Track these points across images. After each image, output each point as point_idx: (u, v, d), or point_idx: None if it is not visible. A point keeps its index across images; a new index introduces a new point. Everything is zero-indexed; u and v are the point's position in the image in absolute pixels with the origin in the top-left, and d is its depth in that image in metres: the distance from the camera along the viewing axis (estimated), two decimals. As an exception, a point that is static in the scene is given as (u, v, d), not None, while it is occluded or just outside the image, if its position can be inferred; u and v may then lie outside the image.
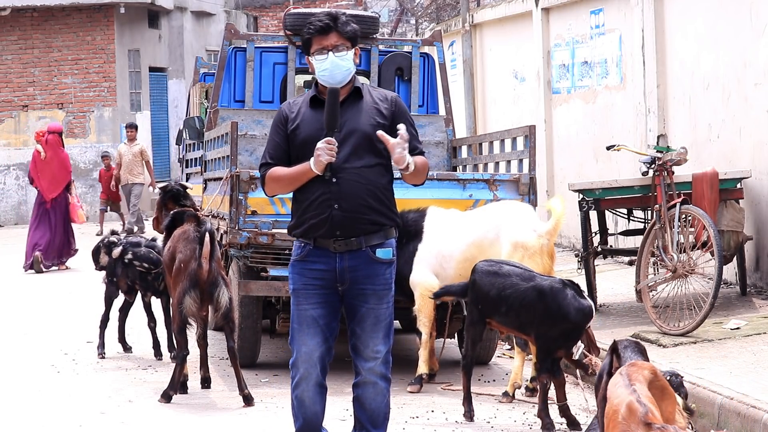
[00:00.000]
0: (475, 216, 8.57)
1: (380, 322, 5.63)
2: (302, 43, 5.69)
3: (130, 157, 21.76)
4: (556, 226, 8.16)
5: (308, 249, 5.61)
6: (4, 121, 26.63)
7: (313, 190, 5.55)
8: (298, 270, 5.65)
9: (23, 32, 26.53)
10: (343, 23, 5.61)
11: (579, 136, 14.52)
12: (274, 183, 5.66)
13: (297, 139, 5.61)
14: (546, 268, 8.08)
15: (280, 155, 5.65)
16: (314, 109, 5.62)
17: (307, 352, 5.62)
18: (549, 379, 7.19)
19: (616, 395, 4.76)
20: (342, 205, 5.52)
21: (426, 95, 11.09)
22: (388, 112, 5.62)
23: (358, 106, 5.62)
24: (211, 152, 10.45)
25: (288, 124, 5.65)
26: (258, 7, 35.37)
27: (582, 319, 7.14)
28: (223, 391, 8.50)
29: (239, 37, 10.97)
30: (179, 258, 8.14)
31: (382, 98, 5.68)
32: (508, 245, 8.19)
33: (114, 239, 9.87)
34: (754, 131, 10.74)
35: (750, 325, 9.10)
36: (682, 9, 12.02)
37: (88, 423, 7.56)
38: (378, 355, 5.63)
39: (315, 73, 5.62)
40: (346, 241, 5.55)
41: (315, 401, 5.67)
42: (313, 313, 5.62)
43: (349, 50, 5.60)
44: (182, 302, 8.00)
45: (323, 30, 5.58)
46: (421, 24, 25.79)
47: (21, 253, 17.08)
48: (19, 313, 12.67)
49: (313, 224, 5.56)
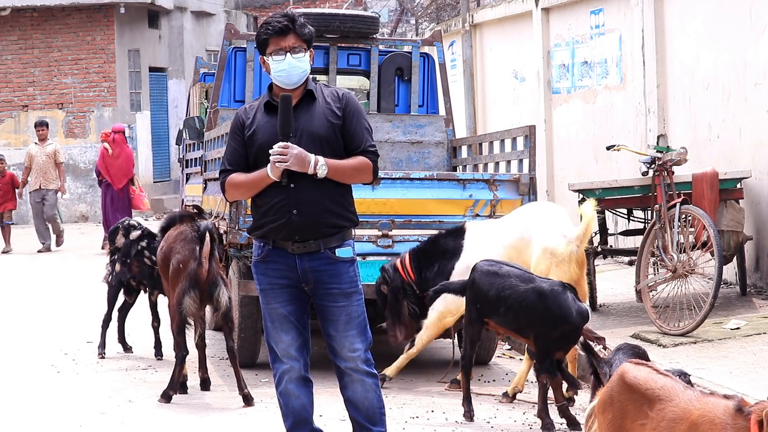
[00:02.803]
0: (510, 219, 8.41)
1: (352, 321, 5.63)
2: (258, 44, 5.67)
3: (44, 159, 19.59)
4: (586, 231, 7.95)
5: (267, 249, 5.63)
6: (4, 121, 26.63)
7: (271, 195, 5.56)
8: (262, 270, 5.68)
9: (23, 32, 26.53)
10: (300, 25, 5.61)
11: (579, 136, 14.51)
12: (233, 189, 5.68)
13: (254, 145, 5.61)
14: (574, 277, 7.87)
15: (238, 161, 5.65)
16: (269, 114, 5.62)
17: (284, 347, 5.65)
18: (548, 379, 7.19)
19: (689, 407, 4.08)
20: (300, 210, 5.53)
21: (426, 95, 11.08)
22: (340, 111, 5.61)
23: (311, 109, 5.61)
24: (211, 152, 10.45)
25: (245, 130, 5.65)
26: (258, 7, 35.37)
27: (581, 321, 7.16)
28: (223, 391, 8.50)
29: (239, 37, 10.97)
30: (178, 258, 8.13)
31: (334, 97, 5.66)
32: (538, 249, 8.02)
33: (134, 223, 10.02)
34: (754, 131, 10.74)
35: (750, 325, 9.10)
36: (682, 9, 12.02)
37: (88, 423, 7.55)
38: (356, 354, 5.63)
39: (270, 73, 5.62)
40: (305, 244, 5.57)
41: (300, 393, 5.67)
42: (283, 311, 5.64)
43: (306, 52, 5.61)
44: (182, 302, 8.00)
45: (281, 31, 5.58)
46: (421, 24, 25.79)
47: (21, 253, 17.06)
48: (19, 313, 12.67)
49: (272, 228, 5.58)
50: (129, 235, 9.82)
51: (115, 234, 9.94)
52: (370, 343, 5.72)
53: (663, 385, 4.11)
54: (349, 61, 10.70)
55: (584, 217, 7.94)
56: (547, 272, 7.87)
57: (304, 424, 5.72)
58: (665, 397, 4.06)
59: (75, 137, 26.54)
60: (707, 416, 3.88)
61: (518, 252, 8.10)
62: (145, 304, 10.08)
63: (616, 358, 5.59)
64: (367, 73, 10.83)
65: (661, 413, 4.04)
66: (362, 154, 5.60)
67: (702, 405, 3.93)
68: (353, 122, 5.61)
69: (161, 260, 8.40)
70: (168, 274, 8.31)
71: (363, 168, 5.60)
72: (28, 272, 16.59)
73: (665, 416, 4.02)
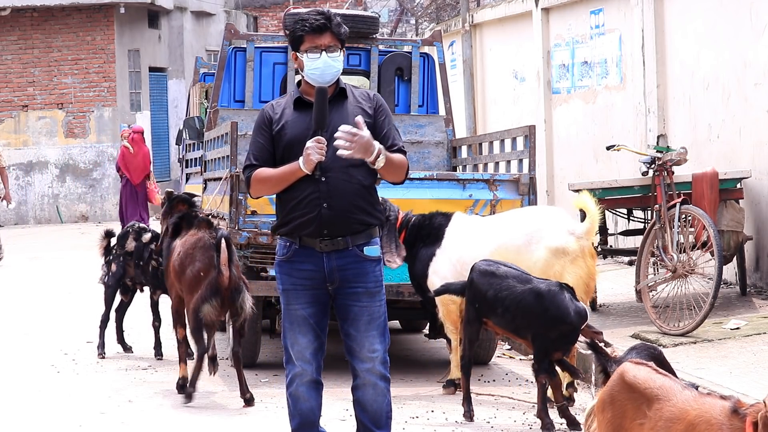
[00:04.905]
0: (500, 222, 8.39)
1: (374, 321, 5.61)
2: (292, 40, 5.66)
3: None
4: (593, 225, 7.95)
5: (294, 249, 5.59)
6: (4, 121, 26.63)
7: (301, 189, 5.53)
8: (286, 270, 5.63)
9: (23, 32, 26.53)
10: (337, 24, 5.61)
11: (579, 136, 14.52)
12: (260, 184, 5.64)
13: (282, 140, 5.60)
14: (590, 270, 7.88)
15: (264, 156, 5.63)
16: (299, 111, 5.62)
17: (300, 350, 5.62)
18: (547, 379, 7.19)
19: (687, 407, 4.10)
20: (331, 203, 5.51)
21: (426, 95, 11.08)
22: (371, 110, 5.63)
23: (343, 106, 5.62)
24: (211, 152, 10.45)
25: (272, 125, 5.64)
26: (258, 7, 35.37)
27: (579, 321, 7.16)
28: (223, 391, 8.50)
29: (239, 37, 10.97)
30: (198, 266, 8.05)
31: (365, 97, 5.69)
32: (544, 252, 7.98)
33: (144, 225, 10.11)
34: (754, 131, 10.74)
35: (750, 325, 9.10)
36: (682, 9, 12.02)
37: (88, 423, 7.56)
38: (375, 354, 5.61)
39: (303, 70, 5.61)
40: (333, 241, 5.54)
41: (310, 397, 5.66)
42: (303, 313, 5.61)
43: (341, 51, 5.61)
44: (200, 309, 7.94)
45: (318, 29, 5.57)
46: (421, 24, 25.79)
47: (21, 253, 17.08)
48: (19, 313, 12.68)
49: (301, 223, 5.54)
50: (141, 239, 9.85)
51: (125, 239, 9.94)
52: (389, 344, 5.72)
53: (661, 384, 4.11)
54: (349, 61, 10.70)
55: (589, 212, 7.95)
56: (562, 272, 7.84)
57: (310, 426, 5.72)
58: (663, 396, 4.06)
59: (75, 137, 26.55)
60: (704, 416, 3.88)
61: (505, 257, 7.91)
62: (146, 304, 10.09)
63: (628, 357, 5.57)
64: (367, 73, 10.83)
65: (658, 413, 4.04)
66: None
67: (699, 405, 3.94)
68: (384, 121, 5.62)
69: (177, 264, 8.30)
70: (182, 278, 8.24)
71: (404, 166, 5.63)
72: (28, 272, 16.59)
73: (663, 416, 4.03)
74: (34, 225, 26.23)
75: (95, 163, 26.46)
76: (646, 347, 5.78)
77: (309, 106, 5.57)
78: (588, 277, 7.93)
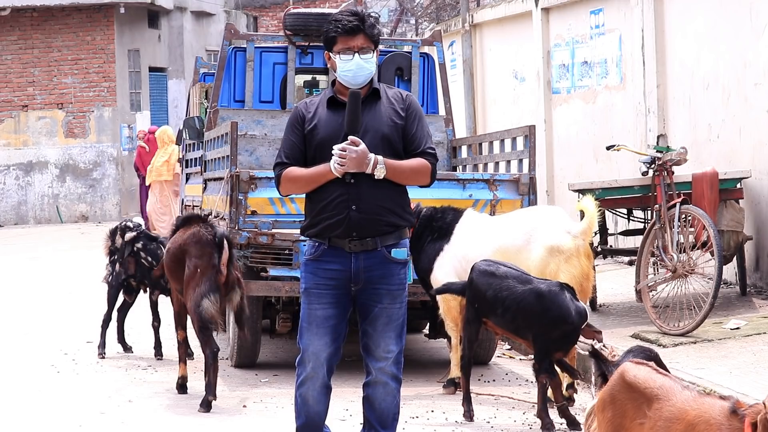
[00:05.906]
0: (505, 222, 8.40)
1: (392, 322, 5.61)
2: (325, 40, 5.63)
3: None
4: (590, 225, 7.96)
5: (323, 249, 5.58)
6: (4, 121, 26.64)
7: (330, 190, 5.52)
8: (311, 269, 5.61)
9: (23, 32, 26.54)
10: (370, 25, 5.59)
11: (579, 136, 14.51)
12: (290, 183, 5.63)
13: (314, 140, 5.58)
14: (584, 270, 7.91)
15: (296, 155, 5.61)
16: (332, 110, 5.60)
17: (315, 351, 5.60)
18: (548, 379, 7.19)
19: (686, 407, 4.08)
20: (360, 206, 5.50)
21: (426, 95, 11.09)
22: (403, 111, 5.62)
23: (376, 107, 5.61)
24: (211, 152, 10.45)
25: (305, 124, 5.61)
26: (258, 7, 35.36)
27: (580, 321, 7.16)
28: (223, 391, 8.50)
29: (239, 37, 10.96)
30: (195, 262, 8.02)
31: (398, 98, 5.67)
32: (541, 250, 7.99)
33: (130, 224, 10.05)
34: (754, 131, 10.74)
35: (750, 325, 9.10)
36: (682, 9, 12.02)
37: (88, 423, 7.55)
38: (389, 355, 5.61)
39: (336, 71, 5.59)
40: (362, 242, 5.53)
41: (319, 401, 5.65)
42: (323, 314, 5.59)
43: (373, 53, 5.59)
44: (200, 304, 7.93)
45: (351, 31, 5.55)
46: (421, 24, 25.78)
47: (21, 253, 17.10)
48: (19, 313, 12.67)
49: (330, 224, 5.53)
50: (124, 236, 9.81)
51: (114, 235, 9.94)
52: (404, 346, 5.72)
53: (661, 384, 4.11)
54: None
55: (586, 212, 7.95)
56: (557, 270, 7.84)
57: (315, 428, 5.72)
58: (663, 396, 4.07)
59: (75, 137, 26.55)
60: (703, 417, 3.89)
61: (506, 257, 7.92)
62: (146, 304, 10.08)
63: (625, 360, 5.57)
64: (367, 73, 10.81)
65: (658, 412, 4.05)
66: (421, 156, 5.59)
67: (698, 405, 3.94)
68: (415, 123, 5.61)
69: (170, 259, 8.27)
70: (176, 272, 8.22)
71: (422, 170, 5.59)
72: (28, 272, 16.59)
73: (662, 416, 4.03)
74: (34, 225, 26.23)
75: (95, 163, 26.46)
76: (642, 349, 5.79)
77: (342, 105, 5.55)
78: (582, 276, 7.91)
